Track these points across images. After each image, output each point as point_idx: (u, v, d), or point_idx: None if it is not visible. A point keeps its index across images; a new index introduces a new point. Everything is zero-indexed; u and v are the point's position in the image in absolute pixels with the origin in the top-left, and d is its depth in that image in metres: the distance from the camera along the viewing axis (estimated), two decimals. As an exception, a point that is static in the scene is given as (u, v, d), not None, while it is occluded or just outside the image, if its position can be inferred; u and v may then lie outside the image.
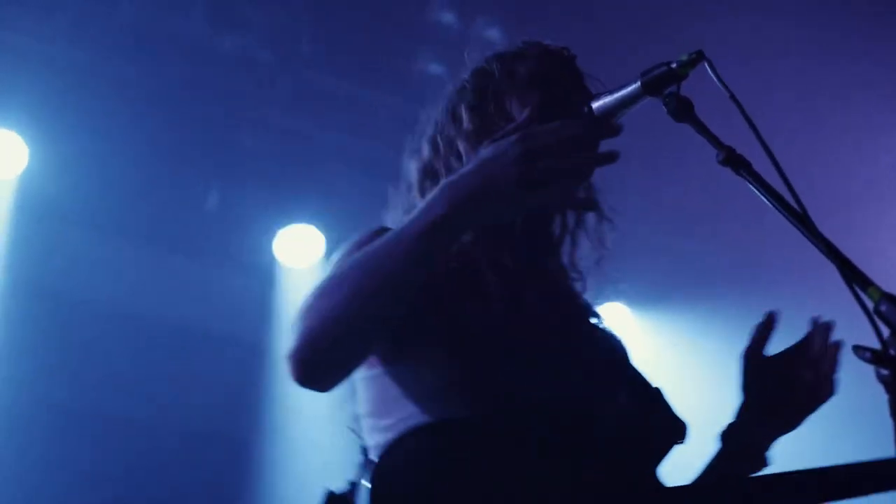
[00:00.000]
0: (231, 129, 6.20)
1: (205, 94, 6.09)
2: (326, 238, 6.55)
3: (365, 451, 2.20)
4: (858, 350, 1.74)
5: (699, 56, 2.09)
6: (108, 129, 5.99)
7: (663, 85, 2.14)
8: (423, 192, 2.41)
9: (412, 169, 2.49)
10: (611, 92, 2.30)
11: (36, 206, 6.08)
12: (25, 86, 5.78)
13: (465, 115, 2.43)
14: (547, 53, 2.49)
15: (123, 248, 6.32)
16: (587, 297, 2.47)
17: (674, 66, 2.13)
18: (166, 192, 6.27)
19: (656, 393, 2.26)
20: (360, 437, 2.24)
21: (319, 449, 6.62)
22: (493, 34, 6.14)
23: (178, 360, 6.46)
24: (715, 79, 2.05)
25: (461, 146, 2.40)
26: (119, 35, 5.82)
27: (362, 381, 2.23)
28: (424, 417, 2.10)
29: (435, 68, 6.15)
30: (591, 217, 2.46)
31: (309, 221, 6.53)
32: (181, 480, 6.37)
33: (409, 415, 2.12)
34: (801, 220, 1.89)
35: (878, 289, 1.75)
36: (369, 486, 1.91)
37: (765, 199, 1.95)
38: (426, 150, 2.47)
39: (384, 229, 2.13)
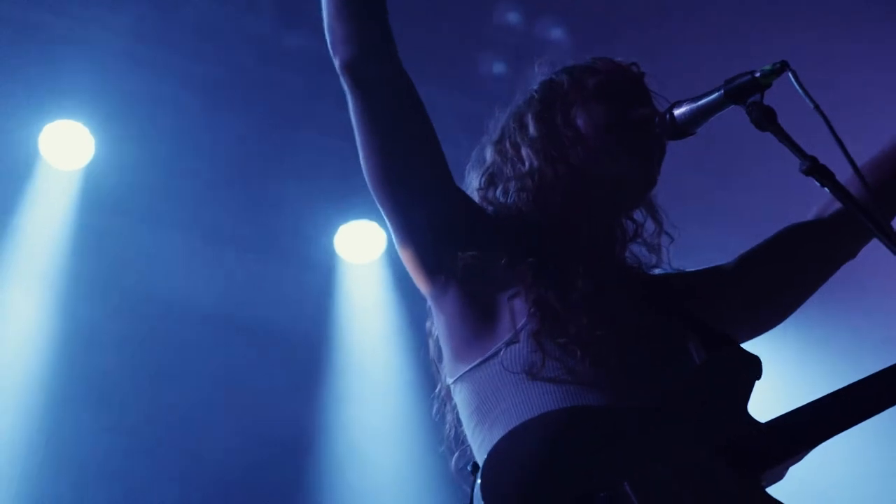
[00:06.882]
0: (293, 125, 6.22)
1: (268, 90, 6.12)
2: (387, 234, 6.55)
3: (472, 461, 2.28)
4: None
5: (783, 66, 2.12)
6: (172, 125, 6.03)
7: (746, 94, 2.18)
8: (485, 197, 2.49)
9: (473, 176, 2.61)
10: (693, 100, 2.34)
11: (100, 199, 6.12)
12: (92, 78, 5.78)
13: (531, 124, 2.54)
14: (616, 69, 2.57)
15: (186, 243, 6.35)
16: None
17: (757, 75, 2.17)
18: (229, 188, 6.30)
19: (724, 337, 2.35)
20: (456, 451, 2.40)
21: (385, 443, 6.62)
22: (557, 34, 6.16)
23: (239, 355, 6.49)
24: (799, 89, 2.06)
25: (524, 152, 2.52)
26: (185, 31, 5.87)
27: (460, 382, 2.33)
28: (526, 408, 2.18)
29: (499, 68, 6.18)
30: (649, 226, 2.57)
31: (370, 218, 6.49)
32: (244, 479, 6.40)
33: (513, 405, 2.20)
34: (888, 232, 1.90)
35: None
36: (479, 482, 2.01)
37: (851, 211, 1.97)
38: (490, 156, 2.59)
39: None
